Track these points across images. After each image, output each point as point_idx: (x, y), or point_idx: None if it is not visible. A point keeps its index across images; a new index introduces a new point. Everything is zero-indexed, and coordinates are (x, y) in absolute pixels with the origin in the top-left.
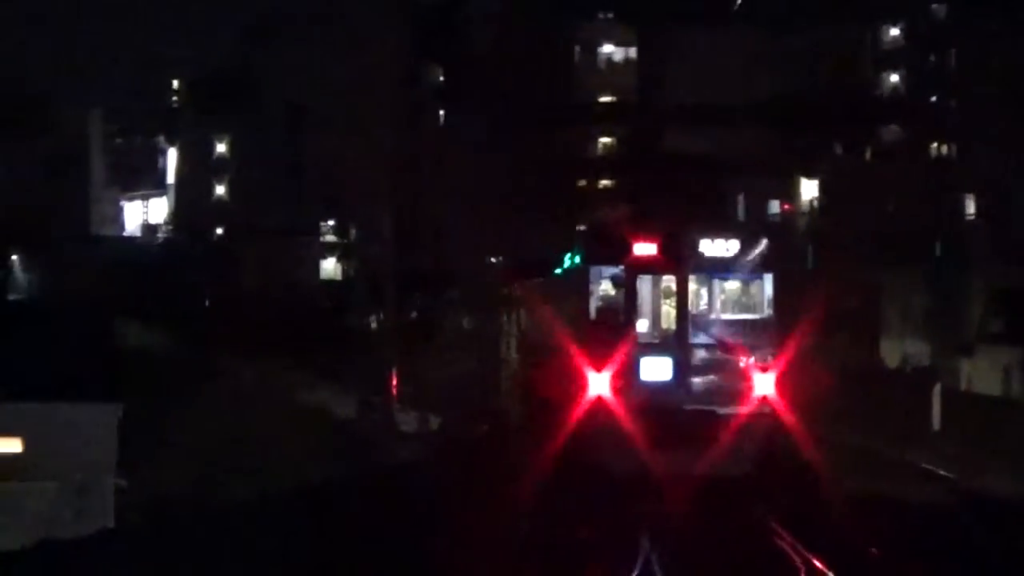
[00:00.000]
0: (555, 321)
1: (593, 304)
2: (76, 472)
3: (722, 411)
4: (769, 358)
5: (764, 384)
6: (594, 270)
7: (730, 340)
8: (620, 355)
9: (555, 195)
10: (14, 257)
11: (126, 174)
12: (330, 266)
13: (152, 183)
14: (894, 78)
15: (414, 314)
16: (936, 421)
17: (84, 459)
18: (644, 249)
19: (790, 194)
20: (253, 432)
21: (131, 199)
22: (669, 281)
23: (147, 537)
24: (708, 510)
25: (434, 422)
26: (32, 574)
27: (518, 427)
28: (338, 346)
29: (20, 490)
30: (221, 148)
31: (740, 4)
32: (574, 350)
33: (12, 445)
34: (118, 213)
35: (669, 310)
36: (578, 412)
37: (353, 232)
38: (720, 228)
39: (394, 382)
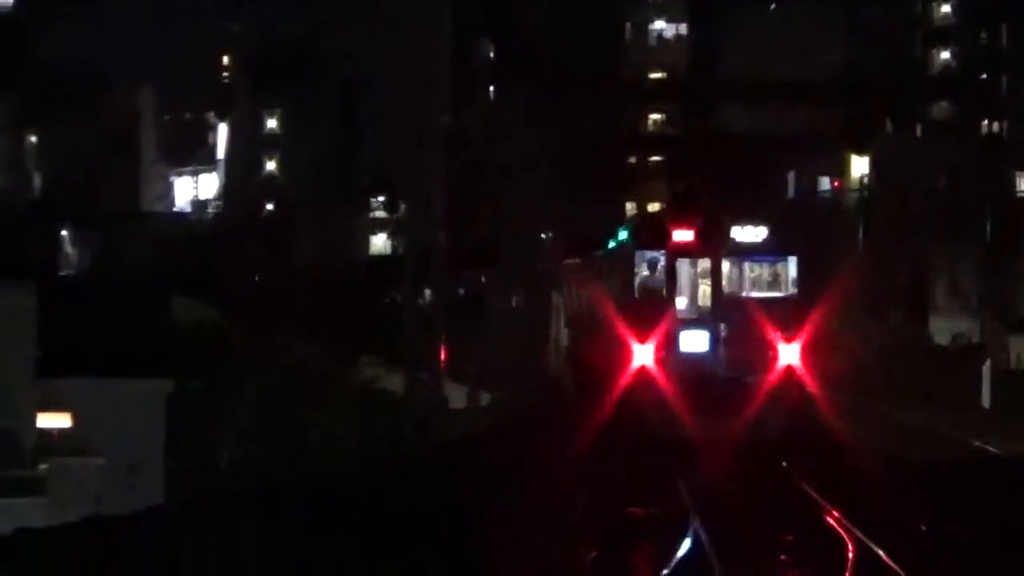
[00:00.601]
0: (603, 298)
1: (637, 284)
2: (125, 448)
3: (752, 379)
4: (794, 331)
5: (789, 354)
6: (639, 254)
7: (759, 315)
8: (662, 329)
9: (605, 171)
10: (64, 233)
11: (176, 150)
12: (380, 242)
13: (202, 159)
14: (945, 55)
15: (462, 291)
16: (986, 399)
17: (134, 435)
18: (682, 236)
19: (840, 171)
20: (306, 410)
21: (181, 175)
22: (704, 263)
23: (198, 515)
24: (738, 465)
25: (484, 398)
26: (80, 550)
27: (569, 396)
28: (387, 323)
29: (70, 466)
30: (271, 123)
31: None
32: (620, 325)
33: (62, 420)
34: (168, 189)
35: (705, 289)
36: (625, 380)
37: (403, 208)
38: (749, 216)
39: (443, 358)
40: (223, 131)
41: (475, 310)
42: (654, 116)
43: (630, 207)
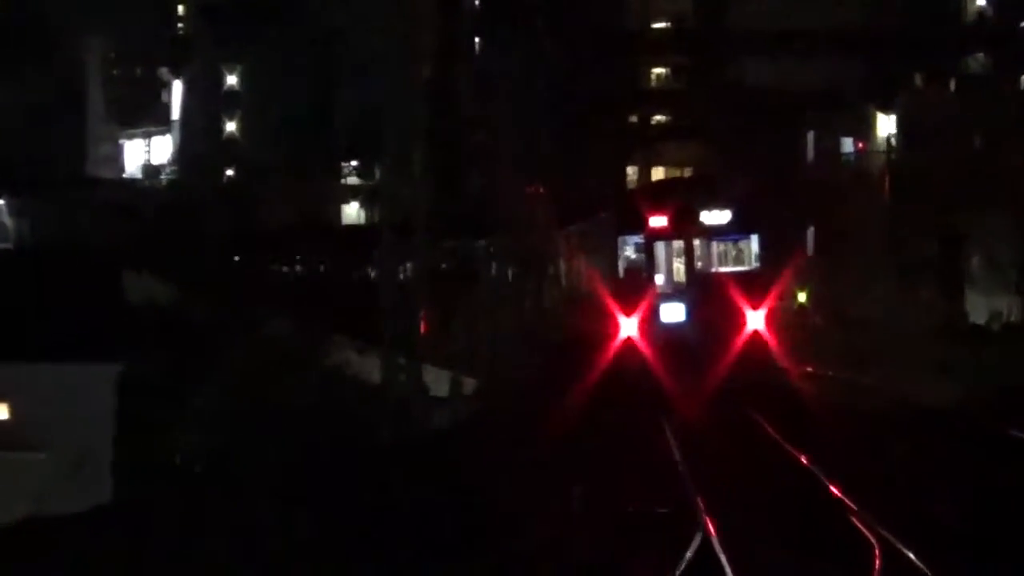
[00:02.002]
0: (592, 276)
1: (621, 264)
2: (70, 441)
3: (724, 342)
4: (759, 300)
5: (755, 320)
6: (620, 239)
7: (728, 287)
8: (644, 303)
9: (604, 132)
10: (1, 202)
11: (126, 109)
12: (353, 211)
13: (155, 119)
14: (980, 1)
15: (444, 265)
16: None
17: (79, 426)
18: (657, 221)
19: (865, 131)
20: (272, 395)
21: (131, 137)
22: (678, 244)
23: (150, 513)
24: (709, 411)
25: (469, 385)
26: (18, 554)
27: (560, 367)
28: (362, 299)
29: (7, 461)
30: (232, 80)
31: None
32: (608, 299)
33: None
34: (117, 152)
35: (679, 267)
36: (614, 349)
37: (379, 173)
38: (715, 201)
39: (424, 338)
40: (178, 88)
41: (464, 285)
42: (658, 70)
43: (632, 171)
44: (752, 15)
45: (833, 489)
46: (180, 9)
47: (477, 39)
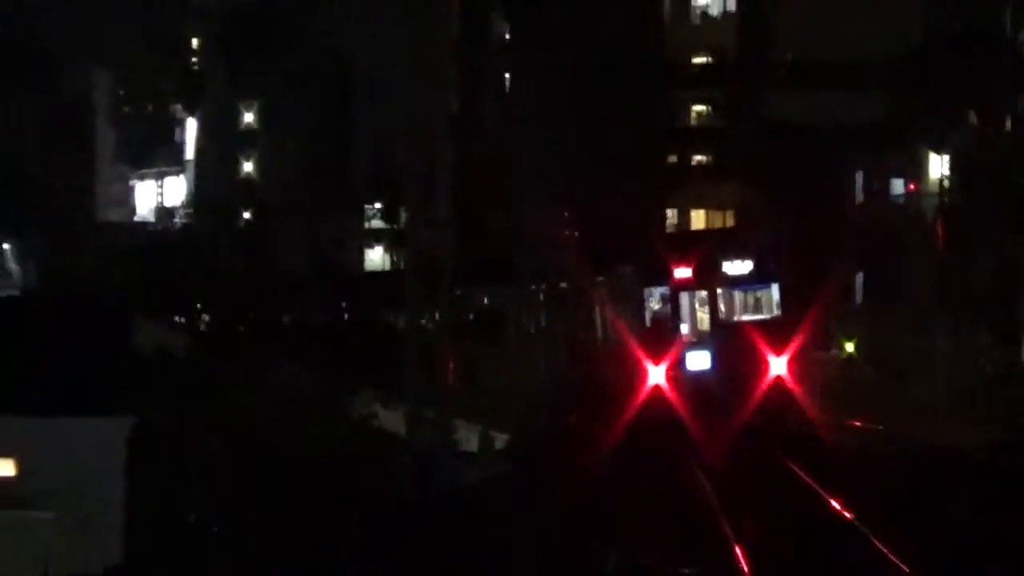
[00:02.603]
0: (620, 325)
1: (648, 315)
2: (78, 498)
3: (748, 388)
4: (781, 347)
5: (778, 366)
6: (646, 290)
7: (750, 335)
8: (671, 351)
9: (642, 172)
10: (5, 246)
11: (137, 148)
12: (377, 256)
13: (168, 159)
14: None
15: (471, 315)
16: None
17: (88, 483)
18: (681, 273)
19: (916, 171)
20: (291, 450)
21: (143, 178)
22: (702, 295)
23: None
24: (735, 452)
25: (499, 438)
26: None
27: (591, 415)
28: (386, 348)
29: (12, 520)
30: (249, 117)
31: None
32: (636, 348)
33: (4, 468)
34: (128, 194)
35: (703, 316)
36: (642, 396)
37: (403, 216)
38: (736, 253)
39: (451, 389)
40: (192, 126)
41: (493, 333)
42: (698, 107)
43: (671, 214)
44: (797, 50)
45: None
46: (194, 42)
47: (507, 73)
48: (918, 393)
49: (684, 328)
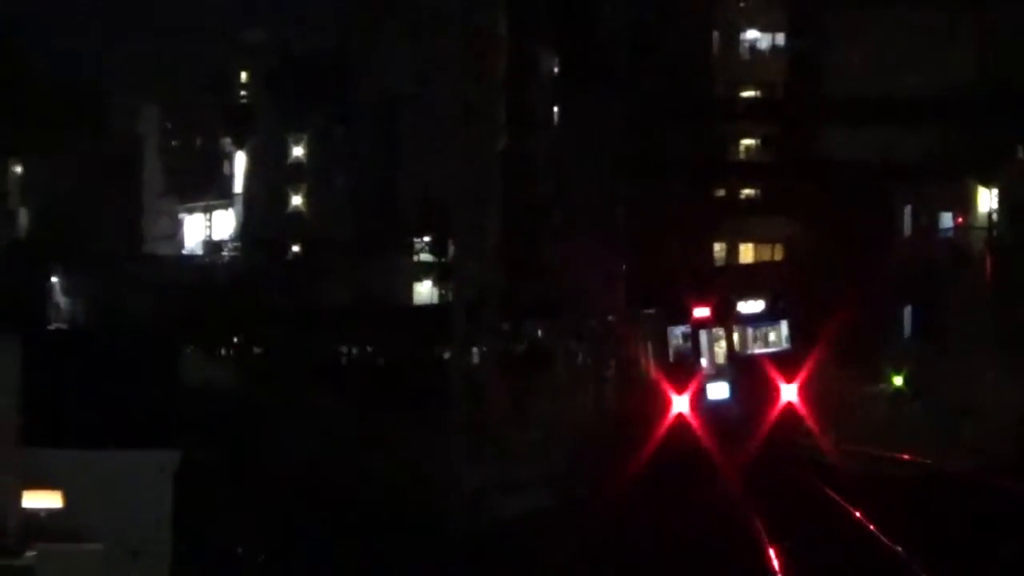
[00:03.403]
0: (647, 360)
1: (671, 350)
2: (126, 531)
3: (762, 414)
4: (790, 376)
5: (788, 393)
6: (669, 328)
7: (763, 367)
8: (693, 383)
9: (690, 206)
10: (54, 280)
11: (186, 182)
12: (425, 290)
13: (216, 192)
14: None
15: (522, 346)
16: None
17: (136, 516)
18: (700, 312)
19: (965, 205)
20: (338, 486)
21: (191, 211)
22: (719, 332)
23: None
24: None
25: (545, 470)
26: None
27: (625, 444)
28: (434, 383)
29: (61, 553)
30: (298, 152)
31: None
32: (661, 381)
33: (52, 500)
34: (176, 227)
35: (720, 350)
36: (667, 423)
37: (451, 250)
38: (749, 293)
39: (497, 423)
40: (241, 160)
41: (540, 367)
42: (746, 141)
43: (719, 247)
44: (845, 83)
45: None
46: (243, 76)
47: (555, 108)
48: (966, 429)
49: (704, 362)
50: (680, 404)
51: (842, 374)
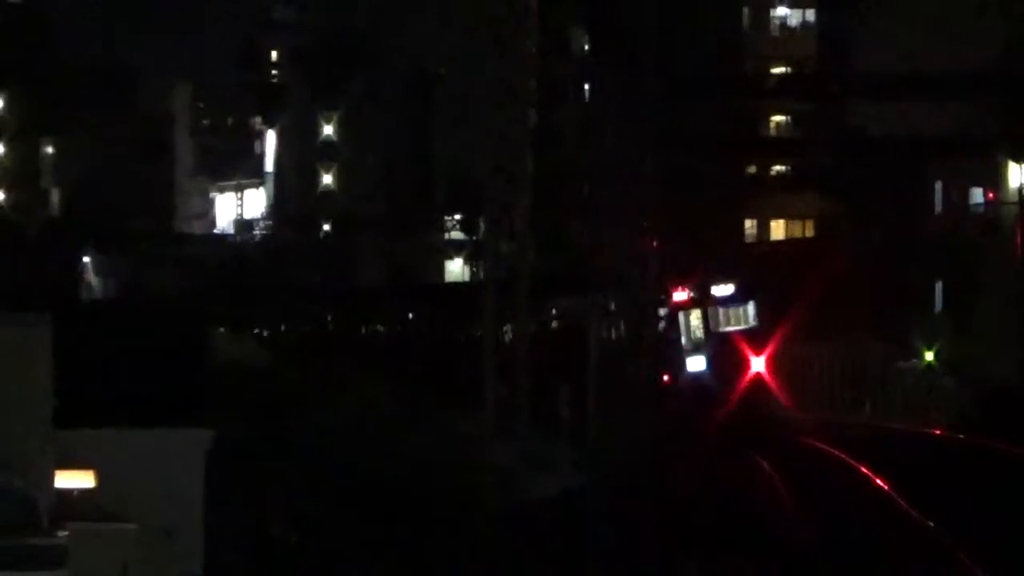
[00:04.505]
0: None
1: (659, 327)
2: (158, 510)
3: (735, 383)
4: (759, 349)
5: (757, 364)
6: (649, 310)
7: (735, 342)
8: (676, 357)
9: (721, 181)
10: (86, 259)
11: (217, 161)
12: (456, 267)
13: (247, 171)
14: None
15: (554, 324)
16: None
17: (168, 495)
18: (678, 296)
19: (995, 180)
20: (367, 463)
21: (223, 190)
22: (696, 312)
23: None
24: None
25: (578, 449)
26: None
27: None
28: (466, 359)
29: (94, 532)
30: (328, 130)
31: None
32: (656, 355)
33: (84, 479)
34: (208, 206)
35: (698, 329)
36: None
37: (482, 227)
38: (721, 278)
39: (531, 401)
40: (271, 139)
41: (573, 345)
42: (777, 117)
43: (749, 224)
44: (876, 58)
45: None
46: (273, 55)
47: (586, 84)
48: (999, 407)
49: (683, 339)
50: (667, 374)
51: (874, 348)
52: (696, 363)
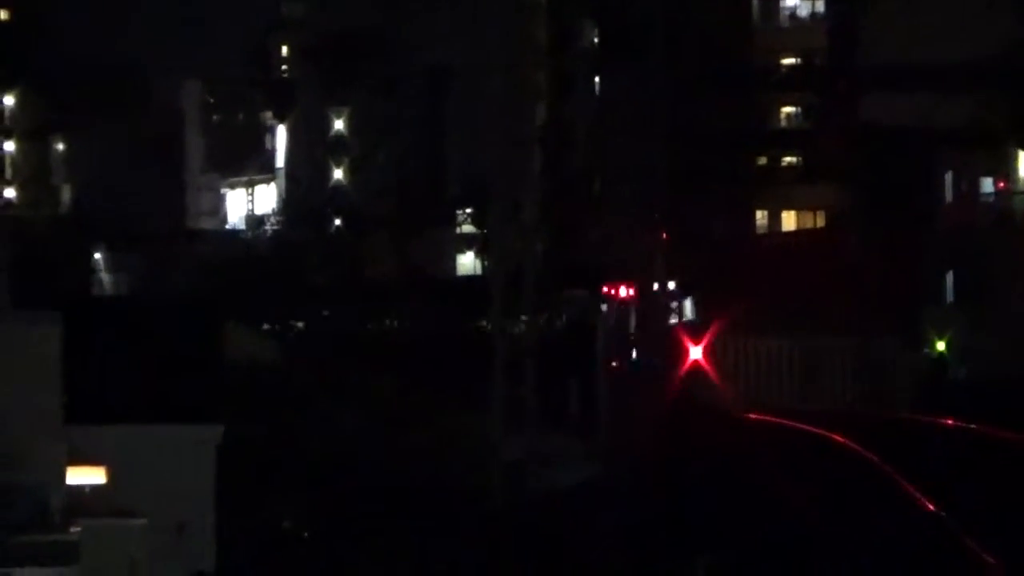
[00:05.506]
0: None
1: (610, 322)
2: (170, 506)
3: (675, 370)
4: (697, 340)
5: (695, 352)
6: (601, 306)
7: (676, 333)
8: (624, 347)
9: (730, 174)
10: (97, 256)
11: (228, 157)
12: (469, 261)
13: (258, 167)
14: None
15: (563, 317)
16: None
17: (178, 491)
18: (623, 293)
19: (1006, 170)
20: (378, 459)
21: (234, 186)
22: (639, 308)
23: None
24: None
25: (586, 442)
26: None
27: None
28: (475, 355)
29: (106, 528)
30: (339, 125)
31: None
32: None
33: (95, 476)
34: (218, 203)
35: (640, 322)
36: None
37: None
38: (660, 277)
39: (539, 396)
40: (282, 134)
41: (582, 338)
42: (787, 109)
43: (760, 215)
44: (886, 49)
45: None
46: (283, 50)
47: (596, 78)
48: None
49: (631, 331)
50: (616, 362)
51: (884, 341)
52: (641, 351)
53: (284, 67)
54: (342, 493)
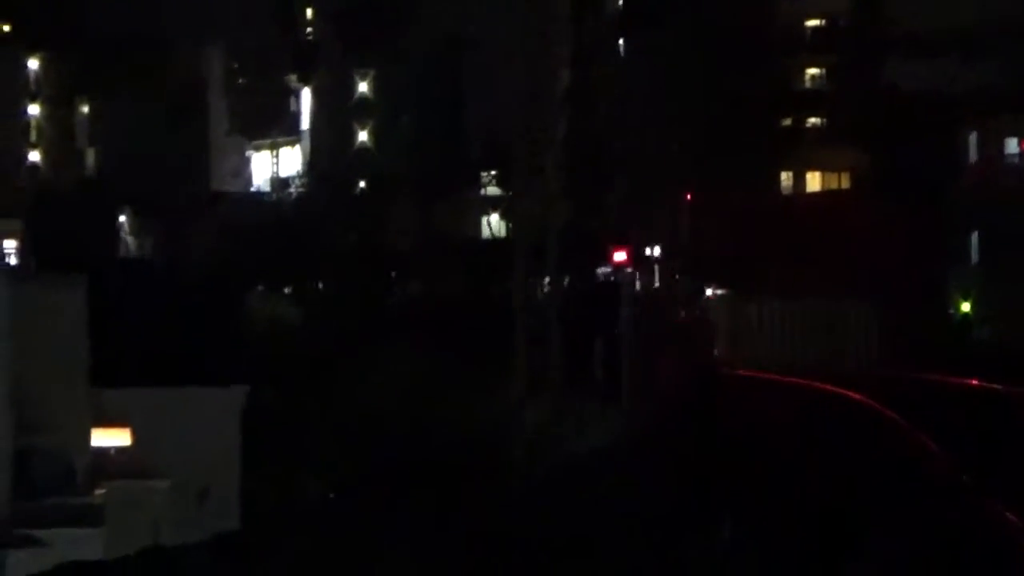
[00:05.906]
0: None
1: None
2: (194, 468)
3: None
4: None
5: (683, 315)
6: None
7: (665, 296)
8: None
9: (754, 136)
10: (122, 219)
11: (252, 120)
12: (493, 222)
13: (283, 130)
14: None
15: (586, 283)
16: None
17: (203, 452)
18: (618, 257)
19: None
20: (400, 423)
21: (258, 149)
22: (629, 271)
23: (275, 543)
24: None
25: (611, 408)
26: None
27: None
28: (497, 317)
29: (130, 490)
30: (364, 88)
31: None
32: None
33: (121, 437)
34: (243, 165)
35: (635, 284)
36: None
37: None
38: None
39: (564, 361)
40: (307, 97)
41: (605, 302)
42: (811, 71)
43: (785, 176)
44: (912, 10)
45: None
46: (308, 12)
47: (620, 41)
48: None
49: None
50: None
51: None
52: (632, 314)
53: (308, 30)
54: (363, 456)
